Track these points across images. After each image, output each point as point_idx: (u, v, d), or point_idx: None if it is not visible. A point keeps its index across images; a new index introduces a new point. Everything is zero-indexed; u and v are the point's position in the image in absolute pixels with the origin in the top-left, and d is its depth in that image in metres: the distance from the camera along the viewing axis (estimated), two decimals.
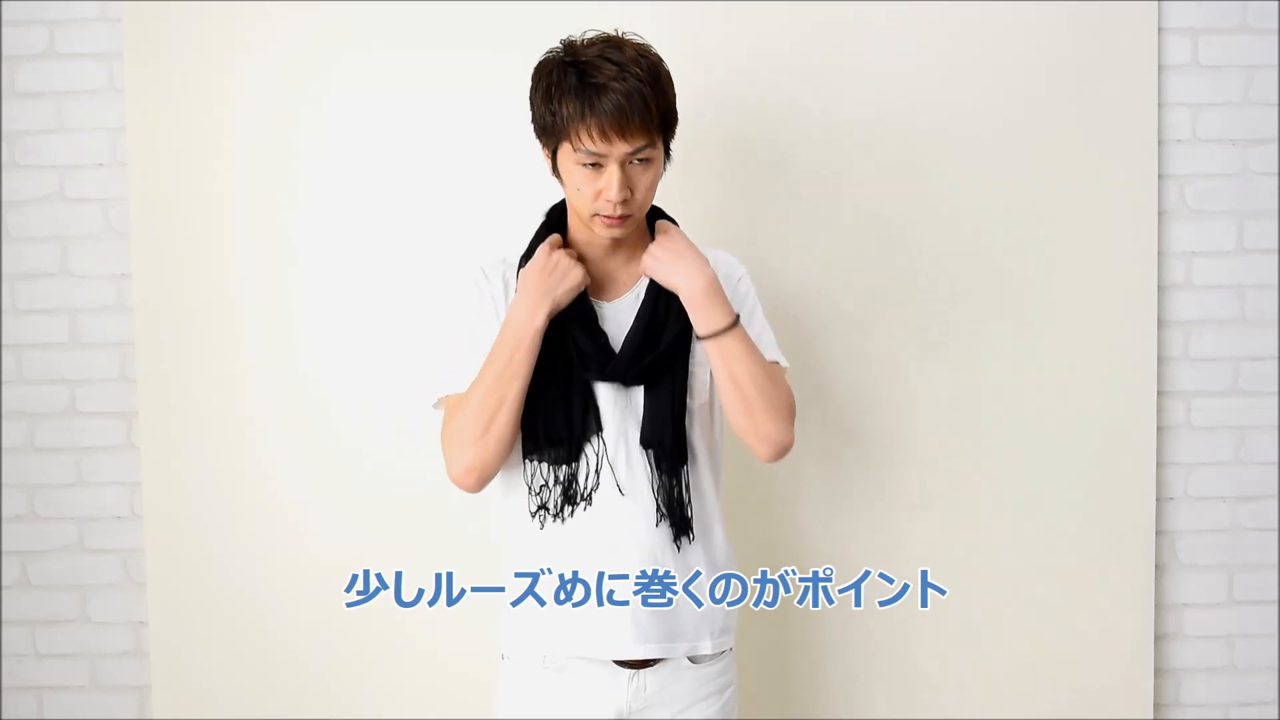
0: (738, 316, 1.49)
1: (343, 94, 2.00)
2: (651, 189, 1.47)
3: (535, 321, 1.44)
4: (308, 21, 1.99)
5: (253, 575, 2.04)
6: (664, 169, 1.50)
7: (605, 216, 1.44)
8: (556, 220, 1.55)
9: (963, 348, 2.03)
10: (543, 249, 1.49)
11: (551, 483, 1.49)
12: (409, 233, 2.01)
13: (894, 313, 2.02)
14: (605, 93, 1.38)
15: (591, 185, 1.42)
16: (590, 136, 1.39)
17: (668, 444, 1.48)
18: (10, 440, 2.09)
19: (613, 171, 1.41)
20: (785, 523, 2.04)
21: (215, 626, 2.05)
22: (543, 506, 1.49)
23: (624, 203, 1.42)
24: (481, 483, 1.48)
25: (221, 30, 1.99)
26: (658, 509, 1.49)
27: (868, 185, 2.01)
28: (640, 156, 1.43)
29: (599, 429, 1.48)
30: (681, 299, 1.48)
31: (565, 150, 1.44)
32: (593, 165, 1.42)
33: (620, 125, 1.39)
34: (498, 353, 1.46)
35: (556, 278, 1.46)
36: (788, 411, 1.51)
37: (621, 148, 1.40)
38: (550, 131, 1.46)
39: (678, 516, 1.49)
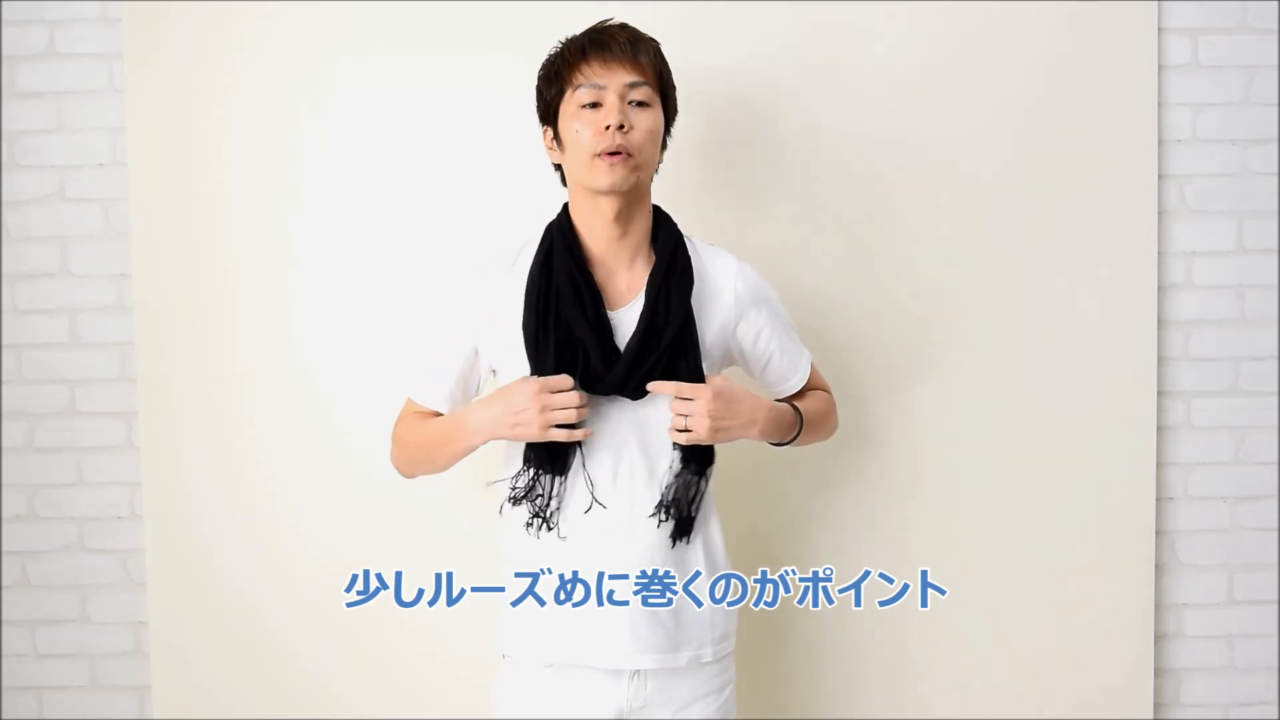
0: (797, 411, 1.59)
1: (343, 94, 2.00)
2: (651, 140, 1.49)
3: (473, 440, 1.51)
4: (308, 21, 1.99)
5: (253, 575, 2.04)
6: (664, 139, 1.54)
7: (606, 154, 1.45)
8: (558, 232, 1.53)
9: (963, 348, 2.03)
10: (530, 385, 1.45)
11: (547, 494, 1.50)
12: (409, 233, 2.01)
13: (894, 313, 2.02)
14: (608, 33, 1.48)
15: (591, 126, 1.46)
16: (591, 68, 1.46)
17: (700, 449, 1.49)
18: (10, 440, 2.09)
19: (612, 103, 1.45)
20: (785, 523, 2.04)
21: (215, 626, 2.05)
22: (538, 515, 1.50)
23: (622, 130, 1.45)
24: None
25: (221, 30, 1.99)
26: (660, 516, 1.49)
27: (866, 186, 2.01)
28: (639, 97, 1.47)
29: (580, 448, 1.49)
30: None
31: (566, 101, 1.48)
32: (593, 106, 1.46)
33: (621, 56, 1.46)
34: (439, 431, 1.55)
35: (511, 422, 1.45)
36: (834, 408, 1.73)
37: (622, 77, 1.45)
38: (553, 93, 1.50)
39: (685, 519, 1.50)
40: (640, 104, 1.47)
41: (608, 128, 1.44)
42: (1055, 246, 2.03)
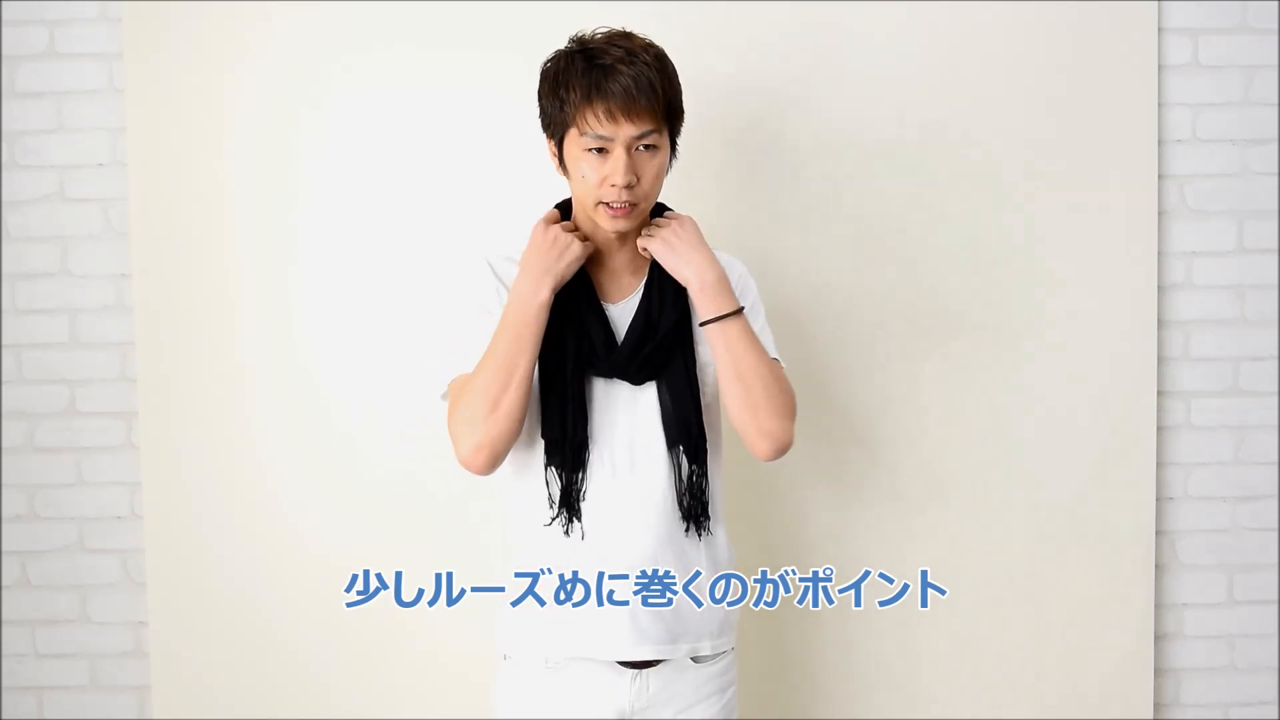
0: (743, 309, 1.49)
1: (343, 94, 2.00)
2: (658, 180, 1.47)
3: (540, 296, 1.44)
4: (308, 21, 1.99)
5: (253, 575, 2.04)
6: (670, 164, 1.51)
7: (611, 206, 1.43)
8: (564, 215, 1.54)
9: (963, 347, 2.03)
10: (539, 226, 1.48)
11: (568, 488, 1.48)
12: (409, 233, 2.01)
13: (895, 314, 2.02)
14: (612, 74, 1.40)
15: (597, 172, 1.43)
16: (597, 118, 1.41)
17: (694, 436, 1.48)
18: (10, 440, 2.09)
19: (619, 156, 1.41)
20: (785, 523, 2.04)
21: (215, 626, 2.05)
22: (563, 509, 1.48)
23: (629, 189, 1.42)
24: (492, 462, 1.44)
25: (221, 30, 1.99)
26: (679, 505, 1.49)
27: (868, 187, 2.01)
28: (646, 143, 1.43)
29: (593, 437, 1.48)
30: (690, 289, 1.48)
31: (571, 138, 1.45)
32: (599, 151, 1.42)
33: (627, 106, 1.40)
34: (504, 331, 1.44)
35: (556, 253, 1.46)
36: (789, 409, 1.50)
37: (628, 130, 1.41)
38: (557, 121, 1.47)
39: (700, 509, 1.50)
40: (648, 147, 1.44)
41: (614, 185, 1.42)
42: (1055, 246, 2.03)
